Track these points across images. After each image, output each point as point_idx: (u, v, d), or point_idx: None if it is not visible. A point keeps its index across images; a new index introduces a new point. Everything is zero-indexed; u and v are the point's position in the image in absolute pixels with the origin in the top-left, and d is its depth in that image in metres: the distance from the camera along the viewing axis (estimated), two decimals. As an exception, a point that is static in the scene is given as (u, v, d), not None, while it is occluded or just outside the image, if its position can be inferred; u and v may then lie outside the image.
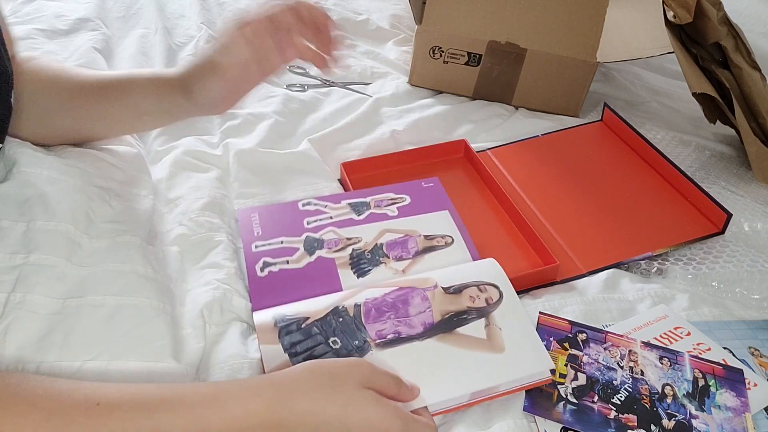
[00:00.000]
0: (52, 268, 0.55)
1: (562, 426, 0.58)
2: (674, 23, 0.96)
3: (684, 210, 0.86)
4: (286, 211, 0.75)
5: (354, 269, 0.69)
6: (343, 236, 0.73)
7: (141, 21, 1.18)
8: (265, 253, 0.70)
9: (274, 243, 0.71)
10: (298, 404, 0.47)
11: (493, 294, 0.65)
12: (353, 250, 0.71)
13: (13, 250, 0.55)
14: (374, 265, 0.70)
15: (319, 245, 0.71)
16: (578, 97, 1.08)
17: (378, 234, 0.74)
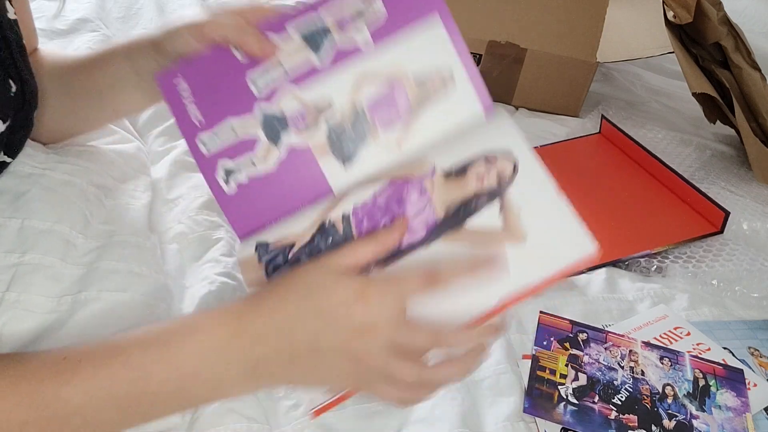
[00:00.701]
0: (47, 268, 0.55)
1: (562, 427, 0.58)
2: (674, 23, 0.96)
3: (683, 211, 0.87)
4: (220, 65, 0.54)
5: (337, 154, 0.54)
6: (308, 100, 0.54)
7: (141, 21, 1.18)
8: (220, 153, 0.53)
9: (223, 133, 0.54)
10: (268, 313, 0.45)
11: (505, 166, 0.50)
12: (328, 126, 0.54)
13: (8, 249, 0.55)
14: (360, 143, 0.54)
15: (282, 126, 0.54)
16: (578, 97, 1.08)
17: (353, 87, 0.54)
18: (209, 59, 0.54)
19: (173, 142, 0.85)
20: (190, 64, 0.54)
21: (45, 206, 0.58)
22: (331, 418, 0.56)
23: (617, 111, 1.10)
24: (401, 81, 0.54)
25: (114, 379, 0.43)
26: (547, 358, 0.64)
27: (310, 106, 0.53)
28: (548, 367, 0.63)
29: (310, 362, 0.45)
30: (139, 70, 0.60)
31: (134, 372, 0.43)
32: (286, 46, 0.53)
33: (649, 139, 1.03)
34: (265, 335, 0.45)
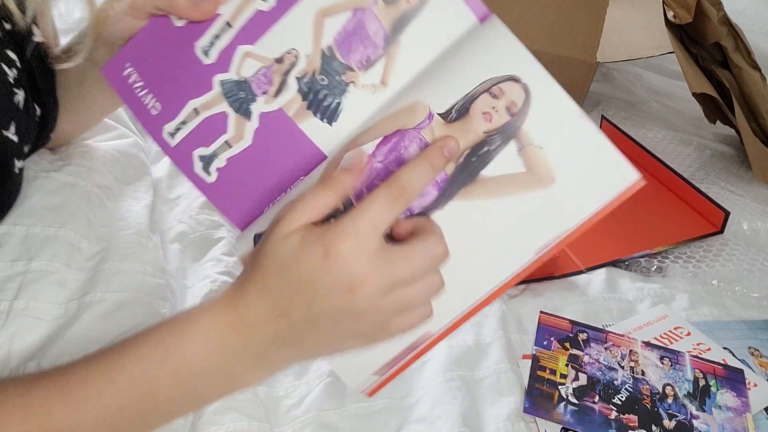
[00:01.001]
0: (53, 274, 0.55)
1: (563, 427, 0.58)
2: (674, 23, 0.96)
3: (683, 212, 0.87)
4: (165, 41, 0.48)
5: (318, 113, 0.46)
6: (269, 57, 0.46)
7: (141, 21, 1.17)
8: (190, 142, 0.48)
9: (188, 118, 0.48)
10: (253, 298, 0.42)
11: (514, 94, 0.40)
12: (298, 80, 0.46)
13: (14, 257, 0.55)
14: (340, 93, 0.45)
15: (248, 93, 0.47)
16: (578, 97, 1.08)
17: (314, 28, 0.45)
18: (152, 37, 0.48)
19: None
20: (134, 46, 0.48)
21: (49, 212, 0.58)
22: (332, 416, 0.56)
23: (617, 111, 1.10)
24: (368, 5, 0.44)
25: (122, 398, 0.41)
26: (548, 358, 0.64)
27: (271, 62, 0.46)
28: (548, 367, 0.63)
29: (315, 333, 0.42)
30: (95, 61, 0.57)
31: (140, 388, 0.42)
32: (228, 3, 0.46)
33: (649, 139, 1.04)
34: (261, 321, 0.42)
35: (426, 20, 0.44)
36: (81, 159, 0.66)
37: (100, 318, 0.54)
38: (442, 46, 0.43)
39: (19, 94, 0.53)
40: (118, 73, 0.49)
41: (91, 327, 0.53)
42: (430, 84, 0.43)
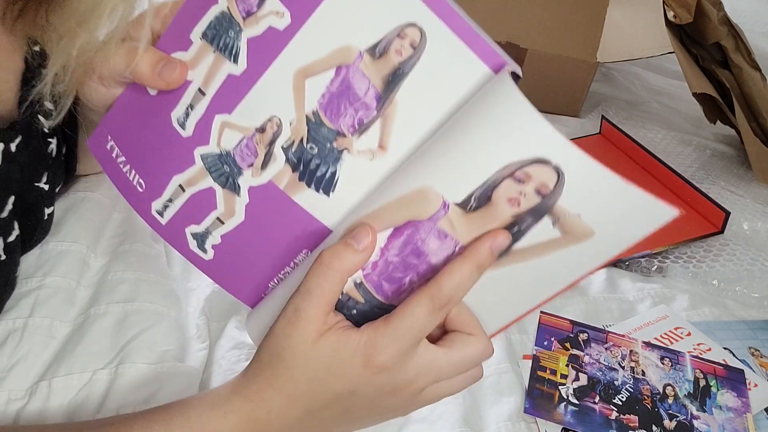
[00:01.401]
0: (65, 291, 0.55)
1: (563, 427, 0.58)
2: (674, 23, 0.96)
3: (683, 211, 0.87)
4: (140, 112, 0.44)
5: (312, 184, 0.41)
6: (249, 127, 0.41)
7: (141, 21, 1.17)
8: (180, 220, 0.44)
9: (174, 195, 0.44)
10: (274, 404, 0.39)
11: (544, 176, 0.34)
12: (285, 150, 0.40)
13: (29, 273, 0.55)
14: (334, 161, 0.40)
15: (232, 166, 0.42)
16: (578, 97, 1.08)
17: (295, 91, 0.39)
18: (129, 106, 0.44)
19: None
20: (113, 118, 0.44)
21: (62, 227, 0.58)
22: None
23: (617, 111, 1.10)
24: (352, 61, 0.38)
25: None
26: (548, 358, 0.64)
27: (252, 132, 0.41)
28: (549, 367, 0.63)
29: (346, 423, 0.41)
30: (89, 122, 0.54)
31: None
32: (197, 62, 0.41)
33: (649, 139, 1.04)
34: (286, 427, 0.39)
35: (425, 74, 0.37)
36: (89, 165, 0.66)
37: (105, 330, 0.54)
38: (448, 104, 0.37)
39: (53, 142, 0.53)
40: (102, 146, 0.45)
41: (96, 340, 0.53)
42: (439, 164, 0.36)
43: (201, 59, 0.40)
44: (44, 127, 0.51)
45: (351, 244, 0.37)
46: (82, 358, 0.52)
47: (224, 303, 0.63)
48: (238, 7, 0.39)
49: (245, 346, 0.59)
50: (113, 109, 0.44)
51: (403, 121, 0.38)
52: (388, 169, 0.39)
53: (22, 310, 0.52)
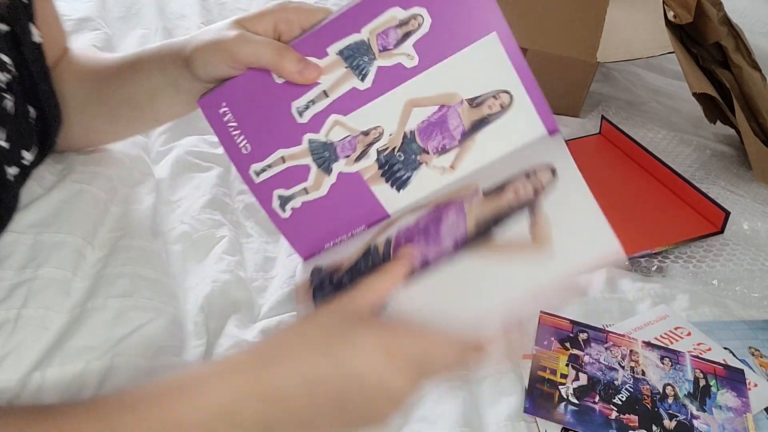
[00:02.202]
0: (60, 282, 0.55)
1: (563, 427, 0.58)
2: (674, 23, 0.96)
3: (683, 212, 0.87)
4: (263, 93, 0.53)
5: (389, 181, 0.53)
6: (357, 129, 0.52)
7: (141, 21, 1.17)
8: (272, 182, 0.54)
9: (274, 164, 0.53)
10: (285, 369, 0.40)
11: (543, 177, 0.47)
12: (378, 152, 0.52)
13: (22, 263, 0.54)
14: (412, 168, 0.52)
15: (332, 154, 0.53)
16: (578, 97, 1.08)
17: (402, 112, 0.51)
18: (251, 85, 0.52)
19: (175, 141, 0.86)
20: (233, 90, 0.52)
21: (56, 219, 0.58)
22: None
23: (617, 111, 1.10)
24: (454, 104, 0.51)
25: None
26: (548, 358, 0.64)
27: (358, 133, 0.52)
28: (549, 367, 0.63)
29: (333, 418, 0.42)
30: (175, 83, 0.57)
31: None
32: (328, 71, 0.51)
33: (649, 139, 1.04)
34: (281, 396, 0.40)
35: (502, 125, 0.50)
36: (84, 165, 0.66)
37: (102, 324, 0.54)
38: (510, 148, 0.50)
39: (9, 98, 0.52)
40: (214, 109, 0.53)
41: (93, 333, 0.53)
42: (486, 170, 0.50)
43: (332, 69, 0.50)
44: (1, 81, 0.50)
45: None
46: (77, 350, 0.52)
47: (224, 302, 0.63)
48: (377, 41, 0.50)
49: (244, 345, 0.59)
50: (234, 83, 0.52)
51: (474, 153, 0.51)
52: (451, 179, 0.51)
53: (15, 301, 0.52)
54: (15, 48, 0.54)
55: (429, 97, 0.50)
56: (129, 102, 0.62)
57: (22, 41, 0.55)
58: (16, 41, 0.54)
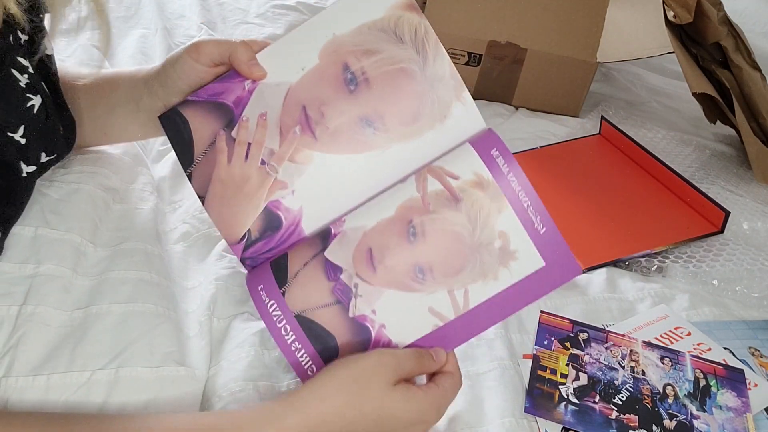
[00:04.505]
0: (60, 279, 0.55)
1: (563, 427, 0.58)
2: (674, 23, 0.96)
3: (683, 212, 0.87)
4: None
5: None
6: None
7: (141, 21, 1.18)
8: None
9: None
10: (326, 422, 0.47)
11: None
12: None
13: (22, 259, 0.54)
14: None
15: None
16: (578, 97, 1.08)
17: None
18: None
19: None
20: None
21: (55, 216, 0.58)
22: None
23: (617, 111, 1.10)
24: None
25: None
26: (548, 357, 0.64)
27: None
28: (549, 367, 0.63)
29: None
30: (136, 99, 0.62)
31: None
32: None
33: (649, 139, 1.04)
34: (324, 424, 0.46)
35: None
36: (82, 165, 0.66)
37: (106, 331, 0.54)
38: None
39: (35, 99, 0.53)
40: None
41: (97, 340, 0.53)
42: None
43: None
44: (20, 82, 0.52)
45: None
46: (82, 357, 0.52)
47: (228, 300, 0.63)
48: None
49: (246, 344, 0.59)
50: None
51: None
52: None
53: (15, 297, 0.52)
54: (33, 56, 0.55)
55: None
56: (92, 114, 0.65)
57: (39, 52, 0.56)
58: (34, 52, 0.55)
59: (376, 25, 0.53)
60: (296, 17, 1.26)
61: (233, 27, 1.21)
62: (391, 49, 0.53)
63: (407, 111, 0.54)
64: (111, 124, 0.65)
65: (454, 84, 0.54)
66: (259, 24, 1.22)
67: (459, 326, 0.50)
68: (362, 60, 0.54)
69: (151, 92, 0.60)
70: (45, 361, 0.51)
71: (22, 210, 0.55)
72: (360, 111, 0.54)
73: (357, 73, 0.54)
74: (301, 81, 0.54)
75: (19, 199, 0.54)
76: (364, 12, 0.53)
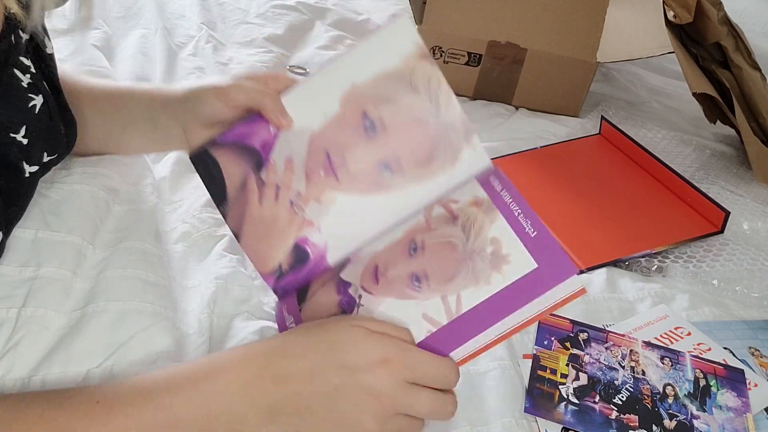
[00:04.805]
0: (60, 281, 0.55)
1: (563, 426, 0.58)
2: (674, 23, 0.96)
3: (683, 212, 0.87)
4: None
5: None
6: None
7: (141, 21, 1.18)
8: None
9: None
10: (293, 356, 0.48)
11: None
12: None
13: (22, 262, 0.54)
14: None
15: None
16: (578, 97, 1.08)
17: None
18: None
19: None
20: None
21: (56, 218, 0.58)
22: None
23: (617, 111, 1.10)
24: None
25: (145, 423, 0.44)
26: (548, 357, 0.64)
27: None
28: (549, 367, 0.63)
29: (324, 412, 0.47)
30: (154, 119, 0.64)
31: (164, 414, 0.45)
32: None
33: (649, 139, 1.04)
34: (287, 378, 0.47)
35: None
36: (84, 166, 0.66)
37: (102, 329, 0.54)
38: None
39: (36, 99, 0.54)
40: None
41: (92, 339, 0.53)
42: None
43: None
44: (22, 81, 0.52)
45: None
46: (78, 357, 0.52)
47: (229, 301, 0.63)
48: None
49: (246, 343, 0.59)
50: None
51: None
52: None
53: (15, 300, 0.52)
54: (35, 56, 0.56)
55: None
56: (105, 123, 0.66)
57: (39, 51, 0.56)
58: (36, 50, 0.56)
59: (393, 75, 0.57)
60: (296, 17, 1.26)
61: (233, 27, 1.21)
62: (407, 99, 0.58)
63: (422, 156, 0.58)
64: (126, 140, 0.67)
65: (464, 130, 0.58)
66: (259, 24, 1.22)
67: (452, 330, 0.51)
68: (380, 108, 0.58)
69: (170, 116, 0.63)
70: (43, 361, 0.51)
71: (24, 210, 0.55)
72: (378, 156, 0.58)
73: (375, 120, 0.58)
74: (324, 128, 0.58)
75: (22, 199, 0.54)
76: (381, 61, 0.57)
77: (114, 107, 0.66)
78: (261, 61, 1.11)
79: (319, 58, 1.16)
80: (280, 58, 1.14)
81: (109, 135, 0.67)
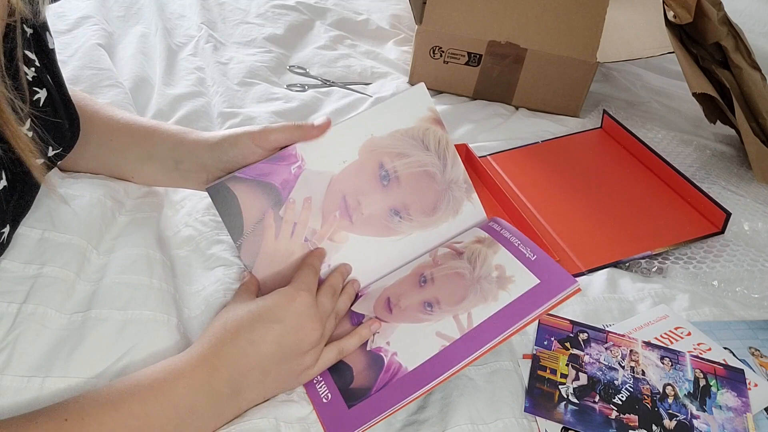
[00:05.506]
0: (63, 282, 0.55)
1: (563, 426, 0.58)
2: (674, 23, 0.96)
3: (684, 211, 0.87)
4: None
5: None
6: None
7: (141, 21, 1.18)
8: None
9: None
10: (237, 341, 0.53)
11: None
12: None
13: (27, 259, 0.55)
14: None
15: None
16: (578, 97, 1.08)
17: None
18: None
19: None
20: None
21: (62, 221, 0.58)
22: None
23: (617, 111, 1.10)
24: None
25: (119, 429, 0.47)
26: (548, 357, 0.64)
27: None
28: (549, 367, 0.63)
29: (280, 367, 0.53)
30: (179, 164, 0.65)
31: (135, 420, 0.47)
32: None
33: (649, 139, 1.04)
34: (236, 361, 0.52)
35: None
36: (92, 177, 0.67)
37: (104, 338, 0.54)
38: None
39: (41, 93, 0.54)
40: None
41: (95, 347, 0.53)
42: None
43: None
44: (27, 75, 0.53)
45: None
46: (79, 364, 0.52)
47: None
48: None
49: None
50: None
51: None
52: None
53: (16, 296, 0.52)
54: (39, 50, 0.56)
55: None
56: (121, 154, 0.67)
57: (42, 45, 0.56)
58: (39, 44, 0.56)
59: (408, 132, 0.64)
60: (296, 17, 1.26)
61: (233, 27, 1.21)
62: (419, 154, 0.65)
63: (428, 206, 0.66)
64: (142, 172, 0.68)
65: (466, 187, 0.67)
66: (259, 24, 1.22)
67: (465, 342, 0.56)
68: (395, 161, 0.64)
69: (195, 161, 0.64)
70: (42, 362, 0.51)
71: (30, 204, 0.55)
72: (390, 202, 0.65)
73: (390, 171, 0.64)
74: (343, 173, 0.63)
75: (29, 192, 0.55)
76: (398, 120, 0.64)
77: (136, 141, 0.66)
78: (261, 61, 1.11)
79: (319, 58, 1.16)
80: (279, 58, 1.14)
81: (126, 166, 0.68)
